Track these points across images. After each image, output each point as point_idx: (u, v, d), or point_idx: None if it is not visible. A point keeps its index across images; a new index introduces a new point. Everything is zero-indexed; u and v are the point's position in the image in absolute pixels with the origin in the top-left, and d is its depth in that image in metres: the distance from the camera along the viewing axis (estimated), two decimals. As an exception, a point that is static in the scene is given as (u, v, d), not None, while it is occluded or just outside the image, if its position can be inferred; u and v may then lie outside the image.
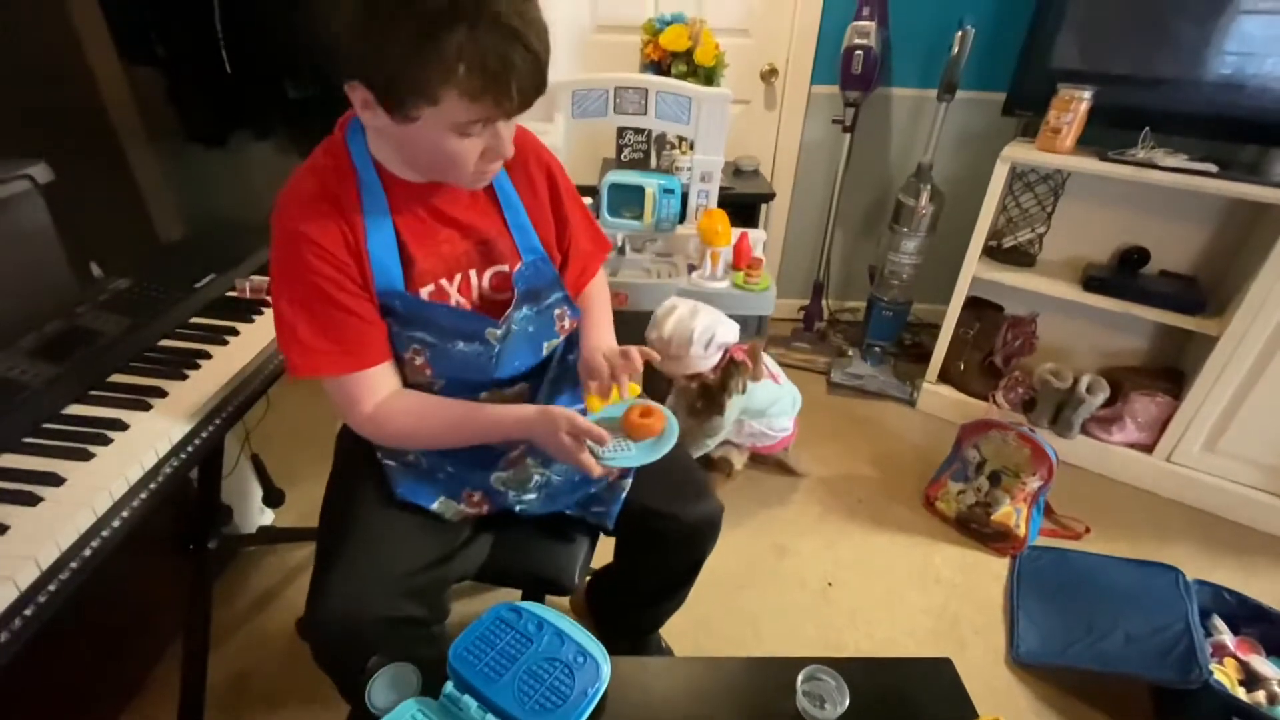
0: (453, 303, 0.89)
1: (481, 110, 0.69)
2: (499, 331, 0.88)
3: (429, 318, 0.86)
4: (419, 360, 0.88)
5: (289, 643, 1.35)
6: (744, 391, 1.60)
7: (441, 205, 0.86)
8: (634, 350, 0.90)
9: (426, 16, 0.63)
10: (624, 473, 0.99)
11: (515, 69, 0.67)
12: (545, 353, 0.99)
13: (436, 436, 0.90)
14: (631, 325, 1.87)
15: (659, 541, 1.01)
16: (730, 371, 1.58)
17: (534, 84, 0.70)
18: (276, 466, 1.64)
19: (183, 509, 1.25)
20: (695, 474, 1.05)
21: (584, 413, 0.88)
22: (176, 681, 1.16)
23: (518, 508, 0.95)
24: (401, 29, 0.64)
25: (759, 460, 1.92)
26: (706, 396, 1.62)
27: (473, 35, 0.64)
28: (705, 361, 1.53)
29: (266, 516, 1.67)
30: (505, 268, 0.92)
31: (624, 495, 0.98)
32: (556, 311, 0.97)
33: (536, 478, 0.96)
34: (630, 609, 1.22)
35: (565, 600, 1.44)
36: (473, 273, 0.90)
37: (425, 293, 0.86)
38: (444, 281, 0.88)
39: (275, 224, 0.79)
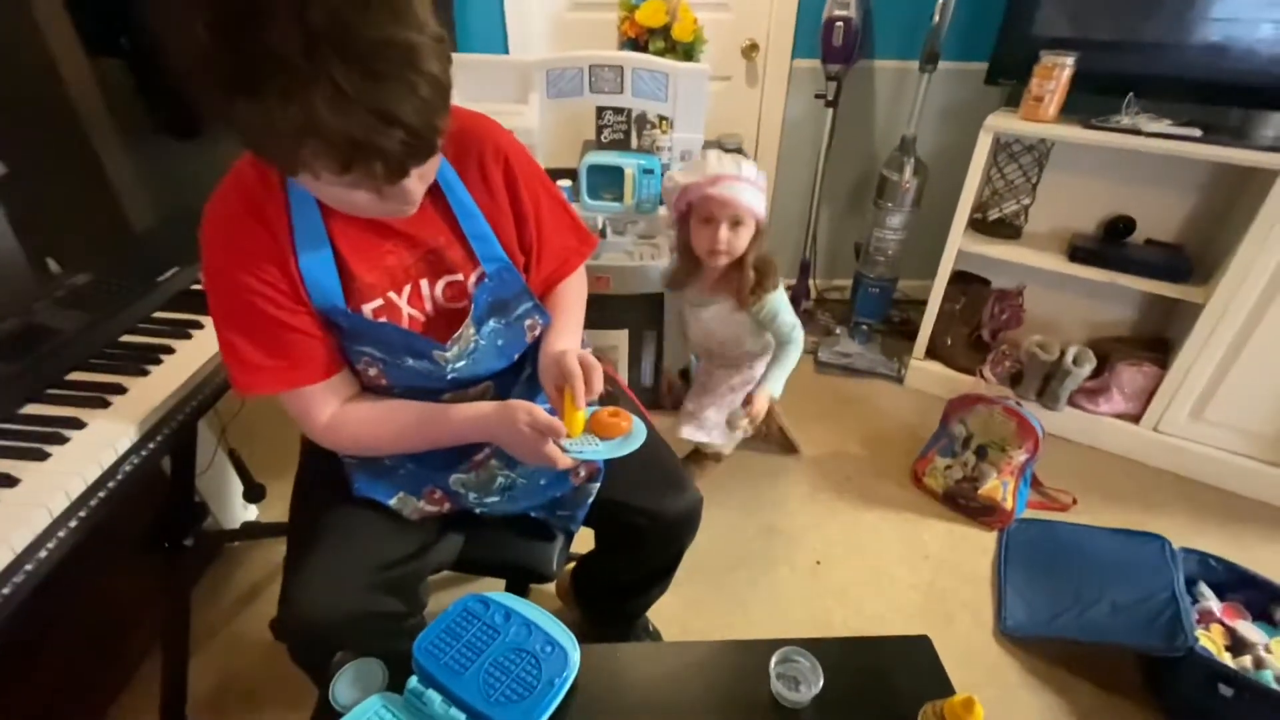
0: (404, 316, 0.83)
1: (354, 179, 0.59)
2: (448, 353, 0.83)
3: (375, 335, 0.81)
4: (372, 371, 0.85)
5: (274, 640, 1.34)
6: (778, 287, 1.45)
7: (383, 218, 0.78)
8: (599, 367, 0.82)
9: (259, 89, 0.52)
10: (591, 475, 0.96)
11: (373, 147, 0.55)
12: (515, 359, 0.95)
13: (395, 443, 0.87)
14: (616, 309, 1.85)
15: (638, 536, 0.99)
16: (766, 257, 1.41)
17: (407, 155, 0.58)
18: (257, 461, 1.63)
19: (159, 507, 1.24)
20: (672, 466, 1.03)
21: (551, 412, 0.85)
22: (157, 684, 1.15)
23: (478, 510, 0.93)
24: (241, 102, 0.53)
25: (749, 441, 1.91)
26: (760, 272, 1.40)
27: (311, 113, 0.52)
28: (762, 201, 1.32)
29: (250, 512, 1.66)
30: (459, 276, 0.84)
31: (590, 500, 0.95)
32: (528, 322, 0.91)
33: (500, 480, 0.93)
34: (614, 597, 1.22)
35: (551, 587, 1.44)
36: (424, 283, 0.83)
37: (371, 308, 0.80)
38: (392, 294, 0.82)
39: (203, 242, 0.74)
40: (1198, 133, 1.56)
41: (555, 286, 0.98)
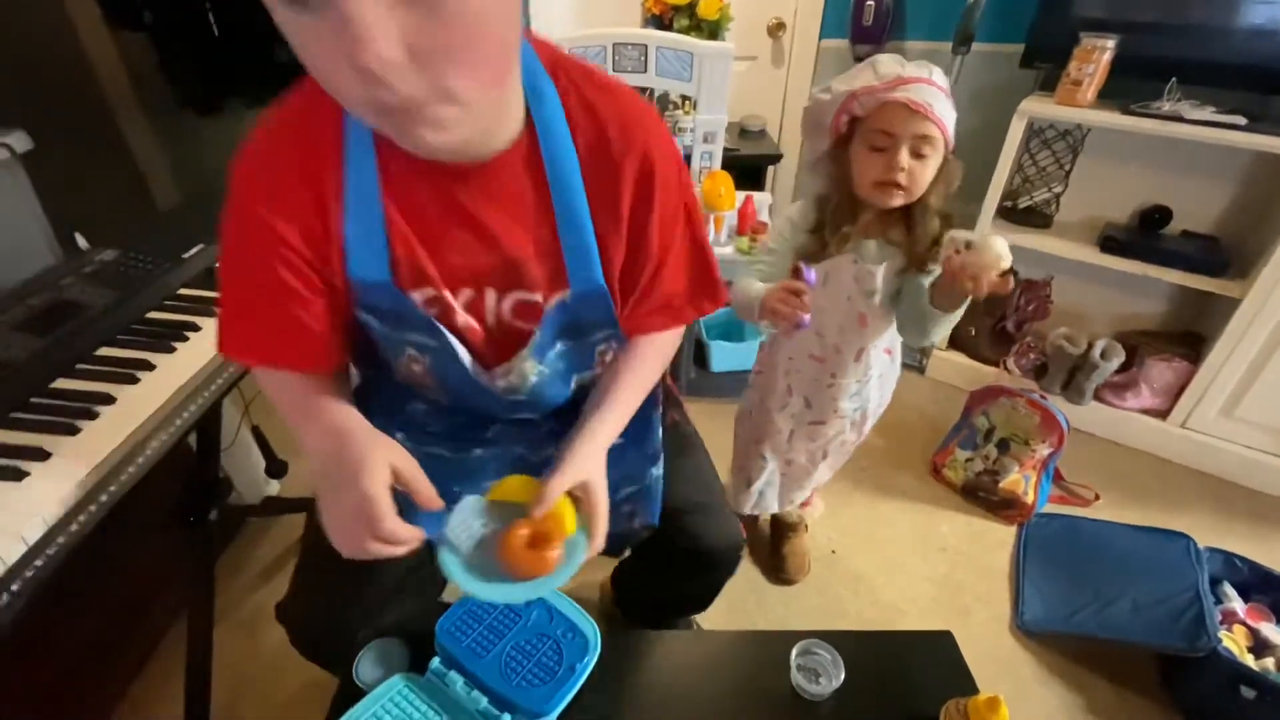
0: (460, 324, 0.68)
1: None
2: (495, 385, 0.71)
3: (424, 325, 0.67)
4: (417, 368, 0.72)
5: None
6: None
7: (460, 195, 0.61)
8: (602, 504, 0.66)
9: None
10: (642, 524, 0.79)
11: None
12: (574, 387, 0.80)
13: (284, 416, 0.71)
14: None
15: (671, 559, 0.89)
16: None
17: None
18: (279, 437, 1.64)
19: (184, 482, 1.26)
20: (715, 493, 0.91)
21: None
22: (183, 654, 1.17)
23: None
24: None
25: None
26: (946, 220, 0.99)
27: None
28: (953, 120, 0.92)
29: (272, 487, 1.68)
30: (536, 297, 0.67)
31: (631, 544, 0.84)
32: (600, 348, 0.76)
33: None
34: (649, 610, 1.16)
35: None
36: (489, 293, 0.67)
37: (421, 297, 0.65)
38: (447, 294, 0.65)
39: (231, 183, 0.62)
40: (1242, 121, 1.50)
41: (637, 337, 0.77)
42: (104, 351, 0.94)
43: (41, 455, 0.77)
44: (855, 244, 1.00)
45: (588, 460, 0.67)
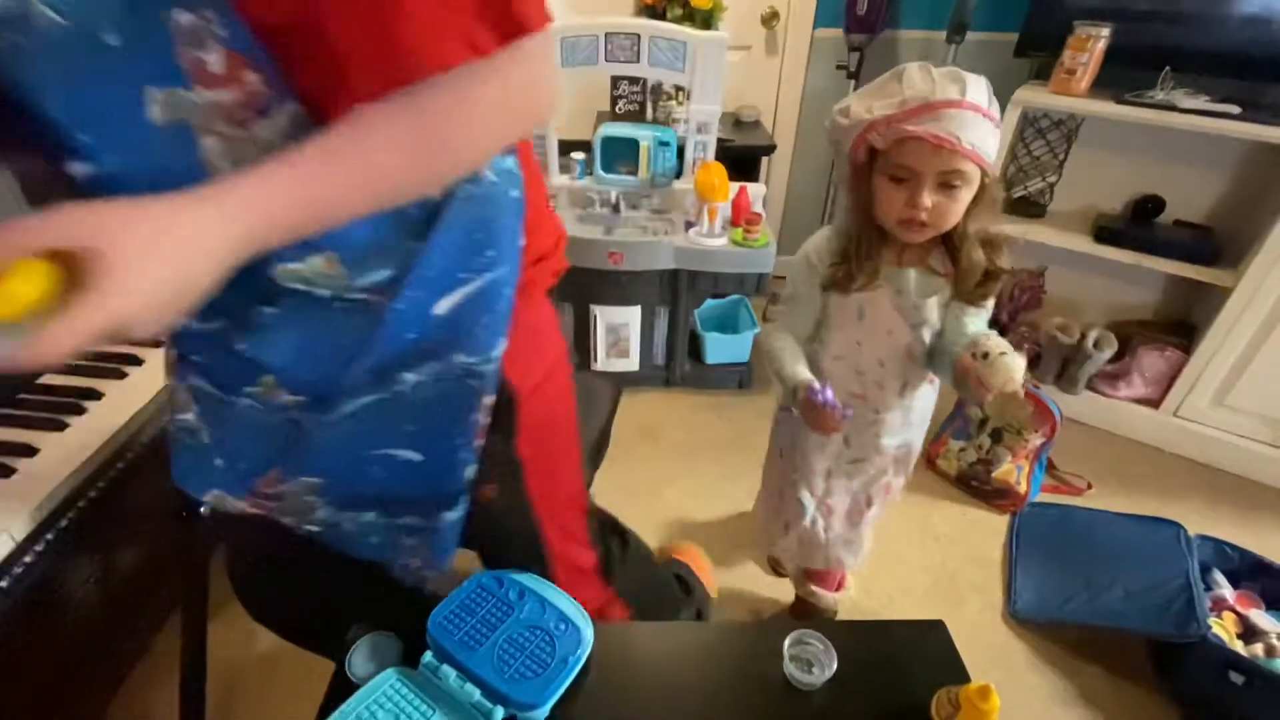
0: None
1: None
2: None
3: None
4: None
5: (289, 605, 1.36)
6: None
7: None
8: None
9: None
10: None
11: None
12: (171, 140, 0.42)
13: None
14: (629, 285, 1.83)
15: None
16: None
17: None
18: (272, 432, 1.63)
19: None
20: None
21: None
22: (177, 650, 1.17)
23: (303, 526, 0.68)
24: None
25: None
26: (990, 248, 0.90)
27: None
28: (995, 141, 0.83)
29: (265, 481, 1.67)
30: None
31: (452, 544, 0.67)
32: (183, 19, 0.39)
33: (321, 513, 0.65)
34: None
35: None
36: None
37: None
38: None
39: None
40: (1235, 110, 1.50)
41: (391, 86, 0.42)
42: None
43: (29, 451, 0.77)
44: (890, 274, 0.92)
45: (124, 220, 0.38)
